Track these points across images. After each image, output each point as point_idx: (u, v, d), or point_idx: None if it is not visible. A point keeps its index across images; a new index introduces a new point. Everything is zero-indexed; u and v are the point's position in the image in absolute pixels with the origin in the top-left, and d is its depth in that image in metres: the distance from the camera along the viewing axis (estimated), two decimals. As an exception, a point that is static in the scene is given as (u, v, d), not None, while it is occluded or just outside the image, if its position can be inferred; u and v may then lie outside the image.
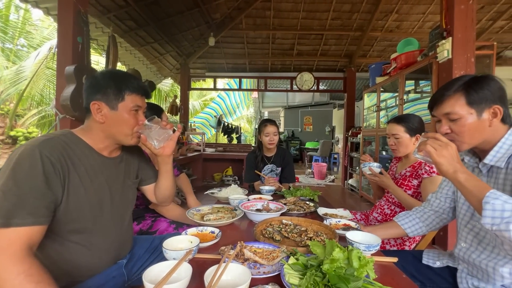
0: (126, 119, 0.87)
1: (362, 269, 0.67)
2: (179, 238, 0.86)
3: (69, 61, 2.30)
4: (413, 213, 1.10)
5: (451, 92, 0.81)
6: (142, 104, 0.92)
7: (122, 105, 0.86)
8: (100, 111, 0.85)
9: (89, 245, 0.83)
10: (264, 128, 2.00)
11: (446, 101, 0.82)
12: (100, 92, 0.84)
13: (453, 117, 0.81)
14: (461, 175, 0.70)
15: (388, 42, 5.24)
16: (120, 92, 0.85)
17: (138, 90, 0.89)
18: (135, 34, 4.30)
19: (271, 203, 1.34)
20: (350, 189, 5.21)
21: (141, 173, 1.08)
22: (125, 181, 0.98)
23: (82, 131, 0.88)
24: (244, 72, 6.30)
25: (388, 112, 3.91)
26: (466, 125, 0.79)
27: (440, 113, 0.85)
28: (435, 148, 0.74)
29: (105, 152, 0.91)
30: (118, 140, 0.90)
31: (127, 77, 0.89)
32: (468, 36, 2.22)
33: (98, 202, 0.85)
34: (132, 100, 0.88)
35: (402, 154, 1.50)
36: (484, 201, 0.63)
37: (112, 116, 0.85)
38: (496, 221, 0.61)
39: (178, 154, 3.96)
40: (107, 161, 0.91)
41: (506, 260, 0.78)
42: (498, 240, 0.80)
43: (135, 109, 0.88)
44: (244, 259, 0.77)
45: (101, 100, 0.84)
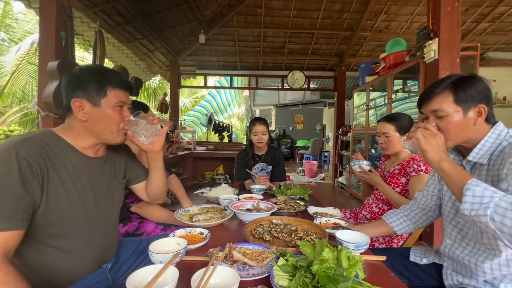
0: (110, 115, 0.82)
1: (351, 269, 0.67)
2: (166, 241, 0.84)
3: (51, 56, 2.22)
4: (401, 211, 1.11)
5: (440, 89, 0.83)
6: (127, 100, 0.88)
7: (105, 101, 0.82)
8: (82, 108, 0.80)
9: (70, 250, 0.79)
10: (253, 127, 1.99)
11: (435, 98, 0.84)
12: (81, 88, 0.80)
13: (440, 114, 0.83)
14: (445, 164, 0.73)
15: (377, 42, 5.32)
16: (102, 88, 0.81)
17: (121, 85, 0.85)
18: (122, 30, 4.18)
19: (261, 203, 1.33)
20: (340, 187, 5.28)
21: (129, 173, 1.04)
22: (111, 182, 0.94)
23: (63, 130, 0.84)
24: (235, 70, 6.25)
25: (377, 111, 3.98)
26: (452, 122, 0.81)
27: (428, 110, 0.86)
28: (424, 136, 0.77)
29: (89, 152, 0.87)
30: (103, 138, 0.86)
31: (108, 72, 0.85)
32: (454, 37, 2.27)
33: (80, 205, 0.81)
34: (116, 95, 0.84)
35: (391, 152, 1.52)
36: (465, 187, 0.65)
37: (95, 114, 0.81)
38: (475, 206, 0.62)
39: (168, 153, 3.89)
40: (91, 161, 0.87)
41: (486, 255, 0.81)
42: (478, 234, 0.82)
43: (119, 105, 0.85)
44: (233, 261, 0.76)
45: (82, 97, 0.80)
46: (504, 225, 0.58)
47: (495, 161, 0.79)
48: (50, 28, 2.23)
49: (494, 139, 0.80)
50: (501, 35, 5.00)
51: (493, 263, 0.79)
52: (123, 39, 4.31)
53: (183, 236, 0.96)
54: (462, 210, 0.65)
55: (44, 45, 2.25)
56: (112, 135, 0.86)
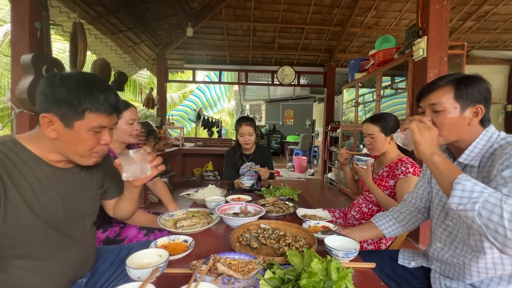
0: (82, 139, 0.72)
1: (341, 281, 0.64)
2: (146, 252, 0.78)
3: (25, 49, 2.08)
4: (390, 214, 1.11)
5: (443, 83, 0.83)
6: (109, 123, 0.77)
7: (80, 124, 0.71)
8: (52, 124, 0.70)
9: (38, 270, 0.72)
10: (239, 128, 1.94)
11: (436, 92, 0.83)
12: (54, 104, 0.68)
13: (437, 109, 0.82)
14: (436, 158, 0.72)
15: (366, 38, 5.33)
16: (78, 108, 0.69)
17: (104, 108, 0.73)
18: (105, 21, 3.98)
19: (249, 205, 1.29)
20: (329, 183, 5.33)
21: (106, 183, 0.96)
22: (86, 193, 0.86)
23: (29, 138, 0.74)
24: (224, 65, 6.13)
25: (365, 107, 4.00)
26: (447, 118, 0.81)
27: (426, 103, 0.85)
28: (419, 128, 0.76)
29: (58, 164, 0.77)
30: (71, 159, 0.77)
31: (93, 89, 0.71)
32: (442, 35, 2.28)
33: (47, 222, 0.73)
34: (95, 119, 0.72)
35: (378, 153, 1.51)
36: (455, 181, 0.64)
37: (65, 135, 0.71)
38: (464, 200, 0.61)
39: (154, 150, 3.79)
40: (61, 172, 0.78)
41: (471, 257, 0.81)
42: (465, 236, 0.82)
43: (96, 130, 0.74)
44: (218, 273, 0.71)
45: (54, 113, 0.69)
46: (490, 220, 0.57)
47: (485, 163, 0.79)
48: (23, 18, 2.08)
49: (485, 142, 0.80)
50: (485, 34, 5.11)
51: (480, 266, 0.79)
52: (106, 31, 4.11)
53: (165, 244, 0.92)
54: (449, 204, 0.64)
55: (17, 37, 2.11)
56: (82, 159, 0.77)
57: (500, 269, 0.77)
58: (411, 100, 2.55)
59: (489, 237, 0.58)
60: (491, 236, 0.58)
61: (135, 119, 1.34)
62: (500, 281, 0.78)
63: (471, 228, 0.80)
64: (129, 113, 1.33)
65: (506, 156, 0.69)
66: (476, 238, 0.79)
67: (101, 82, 0.76)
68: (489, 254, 0.77)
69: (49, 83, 0.70)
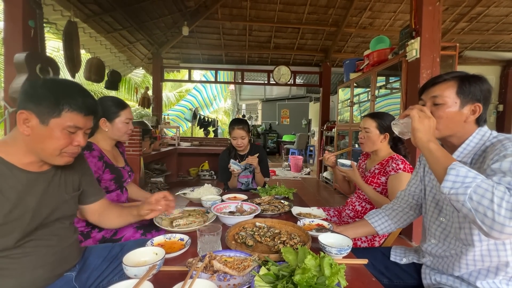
0: (55, 137, 0.74)
1: (333, 277, 0.66)
2: (142, 250, 0.79)
3: (19, 47, 2.06)
4: (382, 211, 1.13)
5: (449, 77, 0.85)
6: (85, 125, 0.79)
7: (56, 121, 0.73)
8: (28, 122, 0.72)
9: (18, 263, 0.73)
10: (232, 131, 1.96)
11: (440, 84, 0.86)
12: (33, 101, 0.72)
13: (438, 101, 0.84)
14: (433, 145, 0.74)
15: (361, 38, 5.38)
16: (56, 106, 0.72)
17: (81, 109, 0.76)
18: (100, 20, 3.95)
19: (245, 204, 1.31)
20: (325, 182, 5.37)
21: (84, 187, 0.96)
22: (62, 196, 0.85)
23: (2, 144, 0.75)
24: (220, 64, 6.13)
25: (361, 106, 4.04)
26: (446, 112, 0.83)
27: (428, 96, 0.88)
28: (419, 115, 0.78)
29: (32, 167, 0.77)
30: (42, 158, 0.77)
31: (72, 91, 0.76)
32: (435, 36, 2.32)
33: (21, 230, 0.73)
34: (71, 119, 0.75)
35: (368, 149, 1.54)
36: (450, 167, 0.66)
37: (39, 131, 0.73)
38: (456, 185, 0.63)
39: (150, 149, 3.77)
40: (36, 176, 0.78)
41: (461, 249, 0.84)
42: (457, 230, 0.85)
43: (71, 130, 0.76)
44: (214, 271, 0.73)
45: (32, 110, 0.72)
46: (480, 204, 0.59)
47: (477, 160, 0.82)
48: (17, 16, 2.06)
49: (478, 140, 0.83)
50: (478, 35, 5.20)
51: (469, 258, 0.82)
52: (101, 29, 4.08)
53: (162, 243, 0.93)
54: (442, 188, 0.66)
55: (10, 35, 2.08)
56: (52, 157, 0.77)
57: (488, 261, 0.80)
58: (405, 100, 2.58)
59: (477, 220, 0.60)
60: (479, 220, 0.60)
61: (131, 119, 1.39)
62: (488, 273, 0.81)
63: (462, 222, 0.82)
64: (127, 112, 1.37)
65: (496, 151, 0.72)
66: (466, 231, 0.81)
67: (81, 87, 0.81)
68: (478, 246, 0.79)
69: (32, 84, 0.74)
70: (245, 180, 2.09)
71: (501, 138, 0.78)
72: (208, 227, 0.90)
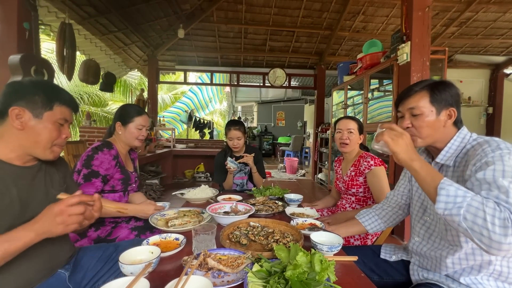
0: (48, 129, 0.81)
1: (323, 272, 0.68)
2: (138, 249, 0.81)
3: (14, 49, 2.05)
4: (373, 211, 1.17)
5: (418, 88, 0.89)
6: (70, 119, 0.88)
7: (49, 114, 0.81)
8: (21, 117, 0.77)
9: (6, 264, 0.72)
10: (228, 132, 1.99)
11: (413, 96, 0.89)
12: (25, 98, 0.78)
13: (415, 112, 0.88)
14: (416, 163, 0.75)
15: (355, 42, 5.46)
16: (49, 101, 0.81)
17: (69, 104, 0.86)
18: (95, 22, 3.95)
19: (239, 205, 1.33)
20: (320, 183, 5.41)
21: (67, 183, 0.98)
22: (49, 191, 0.87)
23: None
24: (216, 66, 6.16)
25: (355, 109, 4.10)
26: (425, 121, 0.87)
27: (405, 108, 0.91)
28: (392, 138, 0.78)
29: (16, 161, 0.80)
30: (33, 152, 0.81)
31: (59, 89, 0.86)
32: (424, 41, 2.38)
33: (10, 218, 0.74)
34: (61, 112, 0.84)
35: (350, 149, 1.59)
36: (439, 187, 0.67)
37: (33, 125, 0.78)
38: (449, 206, 0.65)
39: (145, 151, 3.77)
40: (20, 170, 0.80)
41: (448, 250, 0.87)
42: (443, 232, 0.88)
43: (60, 122, 0.84)
44: (208, 268, 0.75)
45: (24, 106, 0.77)
46: (475, 224, 0.61)
47: (459, 163, 0.86)
48: (11, 18, 2.06)
49: (459, 143, 0.87)
50: (467, 39, 5.33)
51: (454, 258, 0.85)
52: (96, 31, 4.07)
53: (157, 242, 0.94)
54: (436, 209, 0.67)
55: (4, 37, 2.08)
56: (44, 150, 0.82)
57: (472, 260, 0.84)
58: (396, 102, 2.64)
59: (475, 239, 0.62)
60: (476, 239, 0.62)
61: (145, 126, 1.44)
62: (471, 271, 0.85)
63: (448, 224, 0.86)
64: (141, 119, 1.42)
65: (477, 157, 0.75)
66: (453, 233, 0.85)
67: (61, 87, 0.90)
68: (464, 247, 0.83)
69: (20, 83, 0.82)
70: (240, 182, 2.11)
71: (480, 141, 0.81)
72: (203, 227, 0.92)
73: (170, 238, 0.97)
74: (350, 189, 1.55)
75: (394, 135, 0.79)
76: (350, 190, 1.55)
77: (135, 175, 1.50)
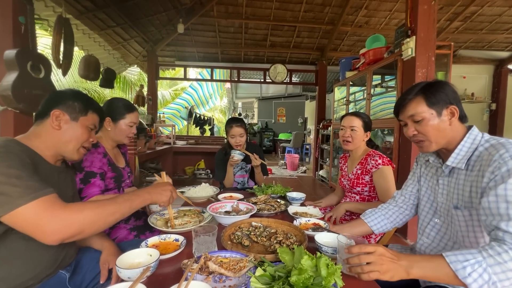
0: (81, 131, 0.93)
1: (330, 277, 0.65)
2: (137, 252, 0.78)
3: (9, 44, 2.00)
4: (379, 211, 1.13)
5: (412, 95, 0.88)
6: (97, 126, 1.01)
7: (84, 119, 0.93)
8: (60, 119, 0.88)
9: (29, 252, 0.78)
10: (230, 129, 1.93)
11: (409, 104, 0.88)
12: (66, 104, 0.90)
13: (417, 119, 0.86)
14: (413, 270, 0.65)
15: (357, 37, 5.38)
16: (86, 108, 0.94)
17: (99, 113, 1.00)
18: (93, 16, 3.88)
19: (241, 204, 1.30)
20: (321, 180, 5.39)
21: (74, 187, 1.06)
22: (66, 192, 0.96)
23: (26, 139, 0.85)
24: (216, 62, 6.09)
25: (356, 105, 4.05)
26: (429, 124, 0.85)
27: (405, 117, 0.90)
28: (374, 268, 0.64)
29: (50, 160, 0.90)
30: (63, 151, 0.91)
31: (92, 100, 1.01)
32: (430, 35, 2.33)
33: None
34: (93, 119, 0.97)
35: (353, 147, 1.55)
36: (462, 276, 0.62)
37: (69, 126, 0.90)
38: (484, 287, 0.61)
39: (145, 148, 3.74)
40: (53, 168, 0.90)
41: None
42: (459, 237, 0.85)
43: (91, 127, 0.96)
44: (209, 272, 0.72)
45: (64, 110, 0.89)
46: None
47: (473, 166, 0.81)
48: (7, 12, 2.01)
49: (470, 144, 0.83)
50: (472, 34, 5.25)
51: None
52: (94, 26, 4.01)
53: (156, 243, 0.91)
54: None
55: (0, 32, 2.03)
56: (73, 150, 0.92)
57: None
58: (400, 98, 2.59)
59: None
60: None
61: (136, 123, 1.39)
62: None
63: (466, 231, 0.82)
64: (133, 116, 1.37)
65: (495, 164, 0.71)
66: (471, 240, 0.82)
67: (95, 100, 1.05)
68: None
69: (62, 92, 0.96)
70: (241, 180, 2.08)
71: (495, 144, 0.77)
72: (203, 228, 0.89)
73: (170, 239, 0.94)
74: (354, 188, 1.52)
75: (374, 262, 0.64)
76: (355, 188, 1.52)
77: (128, 170, 1.45)
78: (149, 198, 0.86)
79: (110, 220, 0.74)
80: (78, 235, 0.67)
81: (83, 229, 0.68)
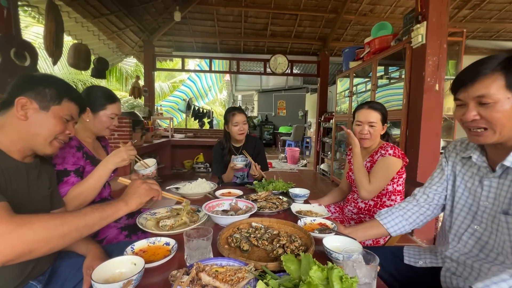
0: (53, 123, 0.80)
1: (344, 293, 0.55)
2: (118, 260, 0.67)
3: (-10, 29, 1.86)
4: (396, 211, 1.01)
5: (489, 70, 0.68)
6: (76, 117, 0.89)
7: (56, 108, 0.81)
8: (26, 107, 0.76)
9: None
10: (233, 117, 1.82)
11: (481, 81, 0.69)
12: (34, 90, 0.78)
13: (486, 101, 0.68)
14: None
15: (361, 26, 5.20)
16: (59, 96, 0.81)
17: (77, 101, 0.87)
18: (85, 3, 3.70)
19: (239, 201, 1.19)
20: (322, 174, 5.29)
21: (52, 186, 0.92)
22: (37, 191, 0.83)
23: None
24: (215, 53, 5.90)
25: (358, 97, 3.92)
26: (501, 111, 0.67)
27: (469, 96, 0.71)
28: None
29: (16, 155, 0.78)
30: (32, 144, 0.79)
31: (70, 86, 0.88)
32: (442, 21, 2.18)
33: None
34: (69, 108, 0.84)
35: (371, 144, 1.41)
36: None
37: (37, 116, 0.78)
38: None
39: (142, 141, 3.62)
40: (20, 165, 0.78)
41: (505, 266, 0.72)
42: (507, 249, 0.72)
43: (67, 118, 0.84)
44: (202, 285, 0.61)
45: (32, 98, 0.77)
46: None
47: None
48: (-14, -6, 1.85)
49: None
50: (480, 23, 5.06)
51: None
52: (87, 14, 3.83)
53: (144, 248, 0.81)
54: None
55: (-21, 15, 1.88)
56: (44, 143, 0.80)
57: None
58: (408, 89, 2.46)
59: None
60: None
61: (117, 115, 1.28)
62: None
63: None
64: (114, 107, 1.25)
65: None
66: None
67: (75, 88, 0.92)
68: None
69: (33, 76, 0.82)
70: (240, 174, 1.97)
71: None
72: (197, 230, 0.78)
73: (160, 243, 0.84)
74: None
75: None
76: None
77: None
78: (123, 204, 0.74)
79: (73, 236, 0.63)
80: (25, 256, 0.56)
81: (33, 248, 0.56)
